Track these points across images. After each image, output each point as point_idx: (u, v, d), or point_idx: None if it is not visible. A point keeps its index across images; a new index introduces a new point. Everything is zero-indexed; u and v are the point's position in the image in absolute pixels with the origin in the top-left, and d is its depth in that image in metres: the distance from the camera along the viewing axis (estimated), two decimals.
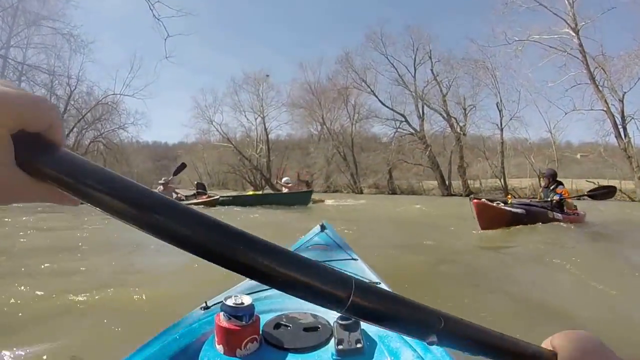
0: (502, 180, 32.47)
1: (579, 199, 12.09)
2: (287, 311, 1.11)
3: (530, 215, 7.29)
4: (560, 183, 8.44)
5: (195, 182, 16.55)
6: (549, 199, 8.05)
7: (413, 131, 36.78)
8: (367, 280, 1.31)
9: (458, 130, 34.80)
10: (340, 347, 0.91)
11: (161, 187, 14.00)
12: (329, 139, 41.04)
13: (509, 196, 8.14)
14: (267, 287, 1.12)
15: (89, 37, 33.40)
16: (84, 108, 36.90)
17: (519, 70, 31.94)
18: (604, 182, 27.13)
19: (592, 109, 27.68)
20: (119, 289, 3.14)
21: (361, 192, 36.61)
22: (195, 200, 13.47)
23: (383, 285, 1.39)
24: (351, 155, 39.30)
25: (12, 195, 0.36)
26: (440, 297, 3.21)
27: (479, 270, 4.45)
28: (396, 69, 37.21)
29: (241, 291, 1.27)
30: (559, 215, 7.73)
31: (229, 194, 15.18)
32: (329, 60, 56.46)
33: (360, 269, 1.75)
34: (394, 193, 35.39)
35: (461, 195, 31.29)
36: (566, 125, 30.59)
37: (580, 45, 26.20)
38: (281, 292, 1.09)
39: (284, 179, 15.74)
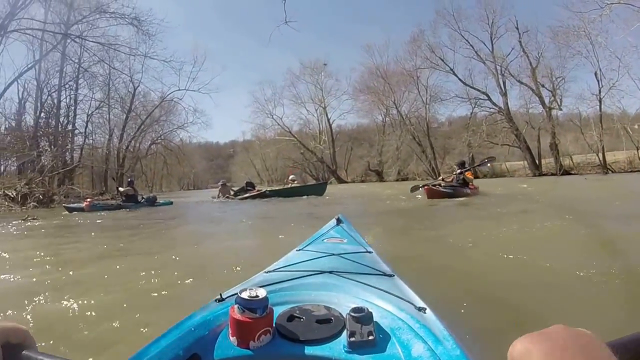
0: (599, 155, 29.48)
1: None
2: (300, 303, 1.12)
3: (455, 192, 10.94)
4: (468, 170, 12.14)
5: (245, 182, 18.64)
6: (460, 180, 11.64)
7: (497, 109, 33.98)
8: (380, 273, 1.50)
9: (549, 104, 31.63)
10: (352, 339, 0.91)
11: (220, 186, 17.33)
12: (401, 124, 38.39)
13: (450, 180, 11.85)
14: (281, 279, 1.32)
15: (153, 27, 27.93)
16: (142, 110, 35.64)
17: (612, 35, 28.60)
18: None
19: None
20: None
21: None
22: (247, 195, 16.03)
23: (396, 278, 1.47)
24: (427, 139, 36.67)
25: None
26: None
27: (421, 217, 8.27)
28: (471, 45, 34.51)
29: (256, 284, 1.28)
30: (467, 190, 11.41)
31: (273, 188, 18.66)
32: (394, 44, 53.75)
33: (375, 262, 1.76)
34: (476, 177, 32.30)
35: (555, 174, 28.80)
36: None
37: None
38: (295, 285, 1.28)
39: (290, 177, 18.65)
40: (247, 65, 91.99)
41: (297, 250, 2.05)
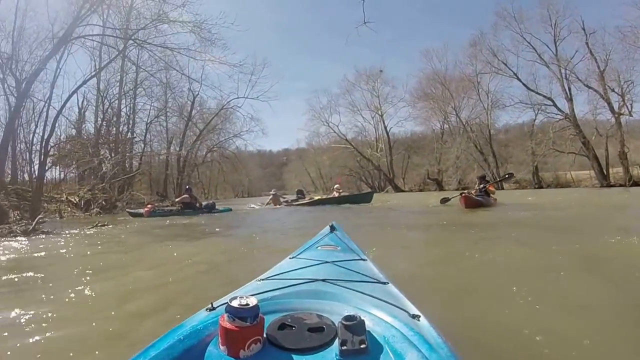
0: None
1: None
2: (292, 312, 1.10)
3: (485, 202, 11.83)
4: (488, 181, 13.40)
5: (297, 190, 19.60)
6: (482, 192, 12.31)
7: (563, 115, 31.79)
8: (374, 280, 1.49)
9: (618, 110, 29.39)
10: (344, 347, 0.90)
11: (272, 195, 17.74)
12: (462, 131, 36.87)
13: (474, 192, 12.36)
14: (274, 288, 1.28)
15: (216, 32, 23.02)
16: (199, 118, 35.85)
17: None
18: None
19: None
20: None
21: (502, 188, 31.99)
22: (299, 202, 16.61)
23: (390, 286, 1.45)
24: (488, 147, 35.08)
25: None
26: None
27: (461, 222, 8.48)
28: (534, 48, 32.57)
29: (248, 292, 1.25)
30: (491, 200, 12.36)
31: (325, 197, 18.80)
32: (452, 48, 52.25)
33: (369, 269, 1.74)
34: (540, 187, 30.98)
35: (623, 185, 26.68)
36: None
37: None
38: (287, 293, 1.25)
39: (335, 186, 18.59)
40: (298, 74, 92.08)
41: (290, 258, 2.03)
